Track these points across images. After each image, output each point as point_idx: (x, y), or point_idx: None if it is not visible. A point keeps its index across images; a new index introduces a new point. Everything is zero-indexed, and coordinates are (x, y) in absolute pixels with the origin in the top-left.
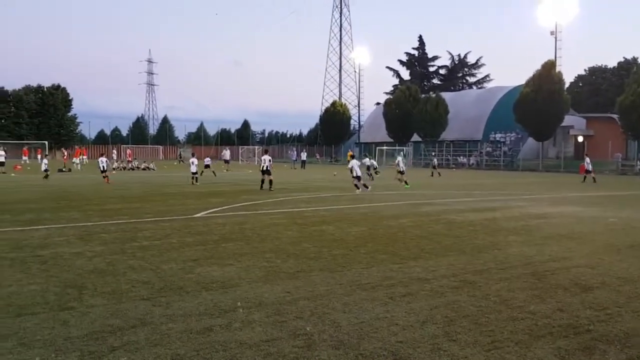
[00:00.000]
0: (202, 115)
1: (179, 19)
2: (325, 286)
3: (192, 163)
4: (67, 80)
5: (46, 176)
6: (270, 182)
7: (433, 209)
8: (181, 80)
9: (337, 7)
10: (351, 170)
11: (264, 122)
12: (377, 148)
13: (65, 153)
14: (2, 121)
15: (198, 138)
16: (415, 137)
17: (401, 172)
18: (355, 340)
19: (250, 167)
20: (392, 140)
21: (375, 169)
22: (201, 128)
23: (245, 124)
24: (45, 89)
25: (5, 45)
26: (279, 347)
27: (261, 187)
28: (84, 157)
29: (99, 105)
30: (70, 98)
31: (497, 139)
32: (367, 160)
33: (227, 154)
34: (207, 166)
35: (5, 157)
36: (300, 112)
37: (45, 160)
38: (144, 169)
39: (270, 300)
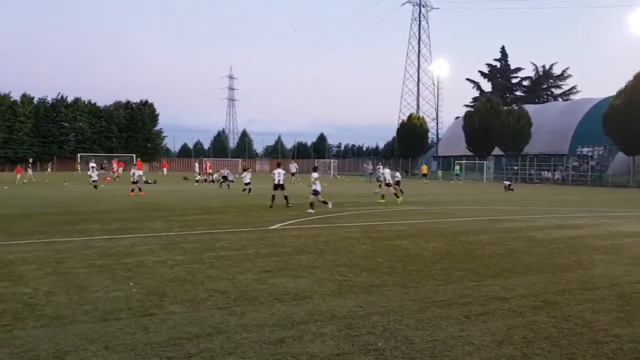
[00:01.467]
0: (279, 128)
1: (259, 36)
2: (399, 302)
3: (245, 177)
4: (154, 96)
5: (95, 187)
6: (286, 197)
7: (514, 226)
8: (260, 94)
9: (415, 19)
10: (315, 180)
11: (340, 135)
12: (456, 162)
13: (115, 166)
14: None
15: (275, 151)
16: (497, 151)
17: (387, 185)
18: (428, 358)
19: (325, 180)
20: (471, 153)
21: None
22: (278, 141)
23: (322, 137)
24: (133, 105)
25: (98, 63)
26: None
27: (271, 205)
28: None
29: (183, 119)
30: (156, 113)
31: (584, 153)
32: (397, 174)
33: (292, 167)
34: (293, 174)
35: (98, 169)
36: (377, 126)
37: (95, 172)
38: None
39: (342, 313)
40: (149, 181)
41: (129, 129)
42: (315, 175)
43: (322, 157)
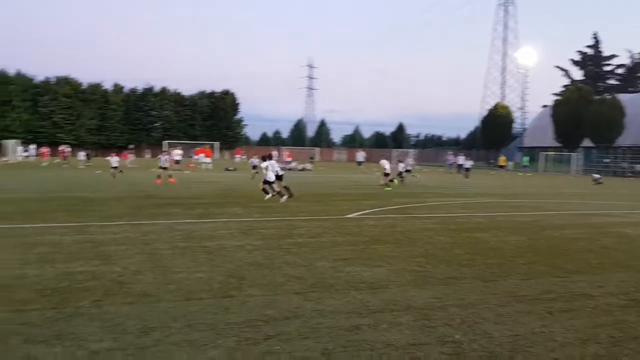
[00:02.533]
0: (358, 118)
1: (338, 25)
2: (478, 295)
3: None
4: (235, 85)
5: (114, 175)
6: (287, 188)
7: (603, 221)
8: (339, 84)
9: (502, 4)
10: (265, 170)
11: (420, 125)
12: (541, 153)
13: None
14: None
15: (353, 141)
16: (586, 142)
17: (386, 174)
18: (507, 353)
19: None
20: (559, 144)
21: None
22: (356, 131)
23: (400, 127)
24: (216, 94)
25: (183, 54)
26: (425, 352)
27: (274, 194)
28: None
29: (262, 109)
30: (237, 102)
31: None
32: (402, 164)
33: (360, 155)
34: (407, 171)
35: (182, 156)
36: (458, 115)
37: (116, 159)
38: (301, 170)
39: (419, 304)
40: (230, 168)
41: (211, 118)
42: (264, 164)
43: (400, 147)
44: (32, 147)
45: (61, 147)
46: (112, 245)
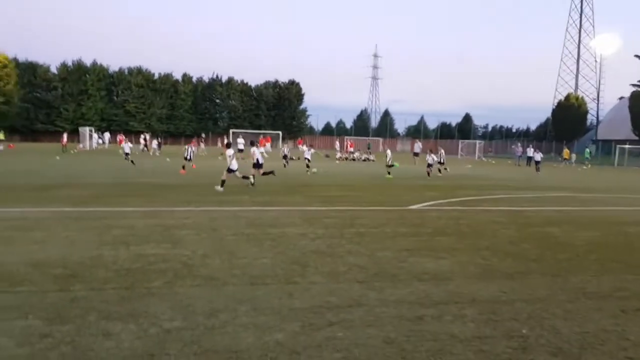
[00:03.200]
0: (422, 108)
1: (404, 15)
2: (546, 290)
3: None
4: (300, 75)
5: (131, 160)
6: (254, 176)
7: None
8: (404, 74)
9: None
10: (230, 158)
11: (487, 115)
12: (618, 146)
13: (144, 139)
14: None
15: (417, 131)
16: None
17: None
18: (576, 350)
19: (470, 162)
20: (637, 138)
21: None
22: (421, 121)
23: (467, 118)
24: (281, 84)
25: (251, 46)
26: (491, 345)
27: (253, 183)
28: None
29: (327, 99)
30: (302, 92)
31: None
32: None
33: (416, 146)
34: (441, 163)
35: (244, 145)
36: (528, 106)
37: (129, 144)
38: (364, 160)
39: (485, 297)
40: (292, 157)
41: (276, 108)
42: (230, 152)
43: (466, 138)
44: (107, 134)
45: (142, 135)
46: (181, 229)
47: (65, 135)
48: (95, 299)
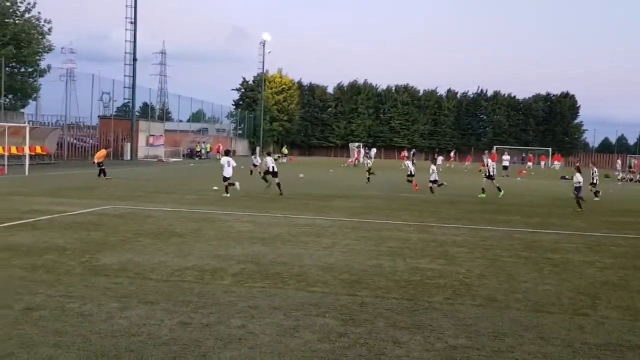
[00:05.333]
0: None
1: None
2: None
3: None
4: (575, 87)
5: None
6: (279, 185)
7: None
8: None
9: None
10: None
11: None
12: None
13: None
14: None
15: None
16: None
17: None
18: None
19: None
20: None
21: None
22: None
23: None
24: (553, 97)
25: (518, 58)
26: None
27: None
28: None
29: (605, 111)
30: (577, 105)
31: None
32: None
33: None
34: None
35: (510, 162)
36: None
37: (257, 159)
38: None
39: None
40: (566, 177)
41: (546, 122)
42: (224, 159)
43: None
44: (373, 150)
45: (403, 152)
46: (453, 246)
47: (357, 152)
48: (380, 306)
